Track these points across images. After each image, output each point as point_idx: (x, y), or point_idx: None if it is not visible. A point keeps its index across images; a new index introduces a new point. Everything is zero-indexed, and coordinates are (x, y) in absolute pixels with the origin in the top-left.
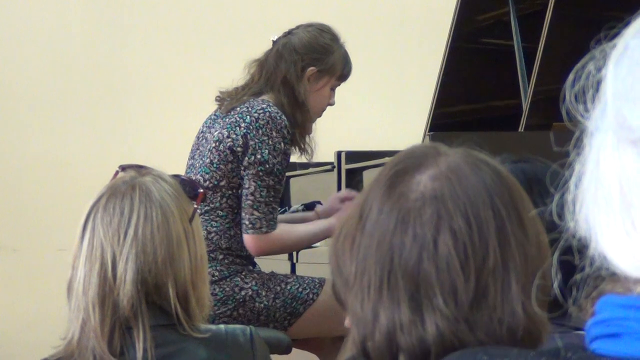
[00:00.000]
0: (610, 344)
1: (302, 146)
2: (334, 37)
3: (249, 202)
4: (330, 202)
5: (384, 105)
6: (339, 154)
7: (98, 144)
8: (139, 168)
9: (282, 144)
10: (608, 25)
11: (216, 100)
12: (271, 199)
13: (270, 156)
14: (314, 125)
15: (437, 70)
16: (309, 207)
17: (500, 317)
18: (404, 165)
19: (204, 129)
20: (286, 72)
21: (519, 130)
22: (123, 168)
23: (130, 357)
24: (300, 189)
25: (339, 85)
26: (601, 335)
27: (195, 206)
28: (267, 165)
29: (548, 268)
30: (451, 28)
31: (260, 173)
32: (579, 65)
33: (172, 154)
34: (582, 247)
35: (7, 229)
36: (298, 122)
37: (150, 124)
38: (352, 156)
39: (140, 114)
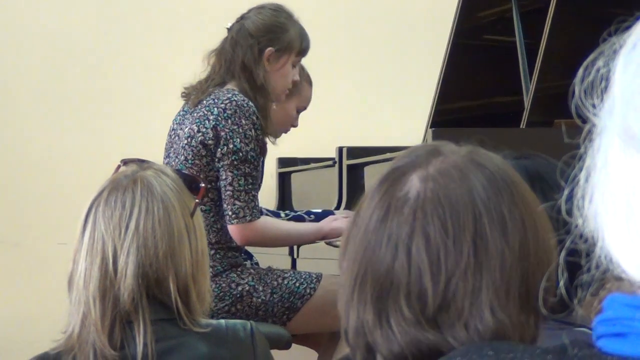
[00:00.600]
0: (616, 343)
1: (266, 131)
2: (287, 15)
3: (228, 192)
4: (327, 219)
5: (386, 101)
6: (340, 149)
7: (99, 138)
8: (140, 162)
9: (253, 131)
10: (619, 19)
11: (182, 96)
12: (250, 186)
13: (243, 144)
14: (314, 120)
15: (439, 67)
16: (320, 216)
17: (467, 321)
18: (401, 164)
19: (175, 126)
20: (243, 57)
21: (521, 126)
22: (125, 162)
23: (131, 351)
24: (302, 184)
25: (300, 61)
26: (607, 334)
27: (197, 200)
28: (241, 154)
29: (553, 268)
30: (453, 24)
31: (235, 162)
32: (588, 60)
33: None
34: (588, 248)
35: (8, 223)
36: (260, 105)
37: (151, 120)
38: (354, 152)
39: (141, 109)
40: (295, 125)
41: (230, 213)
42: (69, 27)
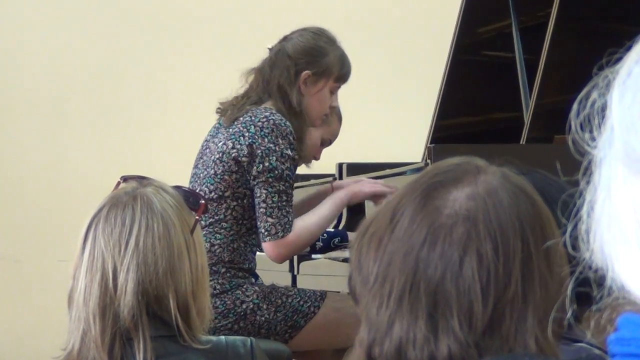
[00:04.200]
0: None
1: (300, 154)
2: (329, 39)
3: (261, 210)
4: (345, 188)
5: (386, 117)
6: (340, 165)
7: (100, 154)
8: (140, 179)
9: (289, 151)
10: (610, 50)
11: (217, 112)
12: (284, 203)
13: (279, 162)
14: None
15: (439, 83)
16: (332, 235)
17: (512, 348)
18: (442, 178)
19: (208, 137)
20: (279, 78)
21: (521, 142)
22: (125, 179)
23: None
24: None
25: (339, 87)
26: (621, 354)
27: (197, 217)
28: (277, 172)
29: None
30: (453, 40)
31: (270, 179)
32: (582, 94)
33: (175, 163)
34: (599, 279)
35: (8, 240)
36: (295, 127)
37: (153, 134)
38: (354, 168)
39: (143, 124)
40: (317, 158)
41: (263, 231)
42: (72, 38)
